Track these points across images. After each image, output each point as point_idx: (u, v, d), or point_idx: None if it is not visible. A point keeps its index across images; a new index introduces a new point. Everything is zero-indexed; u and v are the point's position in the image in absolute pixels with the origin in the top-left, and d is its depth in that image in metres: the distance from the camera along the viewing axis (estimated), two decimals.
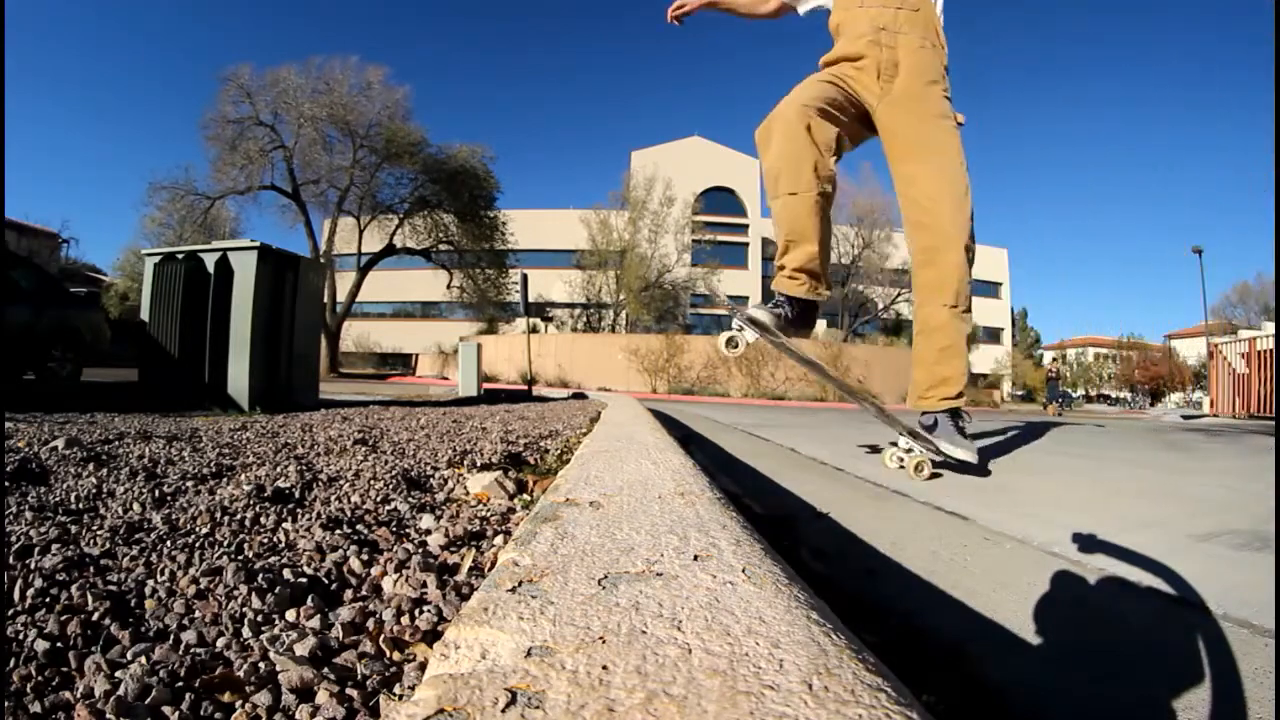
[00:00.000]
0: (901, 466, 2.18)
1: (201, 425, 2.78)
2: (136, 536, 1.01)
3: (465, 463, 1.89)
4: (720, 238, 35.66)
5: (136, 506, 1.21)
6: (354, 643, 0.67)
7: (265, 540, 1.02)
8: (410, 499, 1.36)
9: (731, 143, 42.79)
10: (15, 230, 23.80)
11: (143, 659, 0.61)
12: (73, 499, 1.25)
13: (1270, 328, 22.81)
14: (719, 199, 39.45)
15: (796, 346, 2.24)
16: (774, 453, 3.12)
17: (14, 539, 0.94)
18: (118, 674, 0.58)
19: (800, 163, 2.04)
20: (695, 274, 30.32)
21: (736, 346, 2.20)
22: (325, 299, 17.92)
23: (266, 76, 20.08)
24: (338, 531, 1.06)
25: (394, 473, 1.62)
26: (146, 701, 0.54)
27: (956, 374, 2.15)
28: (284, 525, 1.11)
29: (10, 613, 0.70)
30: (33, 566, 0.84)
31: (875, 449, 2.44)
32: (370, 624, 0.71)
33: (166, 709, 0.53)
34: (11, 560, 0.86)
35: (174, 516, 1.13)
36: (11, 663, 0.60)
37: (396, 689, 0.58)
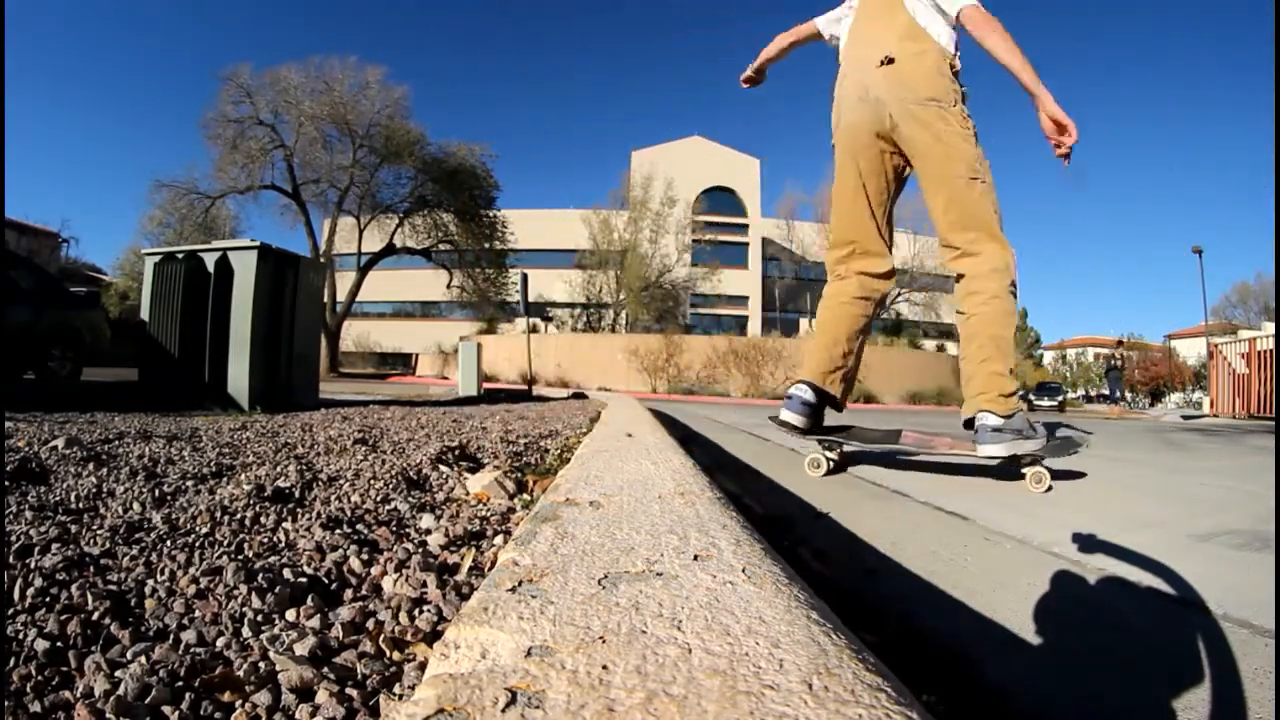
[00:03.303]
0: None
1: (201, 425, 2.78)
2: (136, 536, 1.01)
3: (464, 462, 1.89)
4: (721, 238, 35.67)
5: (136, 506, 1.21)
6: (354, 642, 0.67)
7: (265, 540, 1.02)
8: (410, 499, 1.36)
9: (732, 143, 42.86)
10: (15, 230, 23.79)
11: (143, 658, 0.61)
12: (73, 498, 1.25)
13: (1270, 328, 22.74)
14: (719, 199, 39.43)
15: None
16: (774, 453, 3.12)
17: (14, 538, 0.94)
18: (118, 673, 0.58)
19: None
20: (695, 274, 30.34)
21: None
22: (325, 299, 17.91)
23: (266, 76, 20.11)
24: (338, 531, 1.06)
25: (394, 472, 1.62)
26: (146, 701, 0.54)
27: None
28: (284, 525, 1.11)
29: (10, 612, 0.70)
30: (33, 566, 0.84)
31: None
32: (370, 624, 0.71)
33: (166, 708, 0.53)
34: (11, 560, 0.86)
35: (174, 516, 1.13)
36: (11, 662, 0.60)
37: (396, 689, 0.58)
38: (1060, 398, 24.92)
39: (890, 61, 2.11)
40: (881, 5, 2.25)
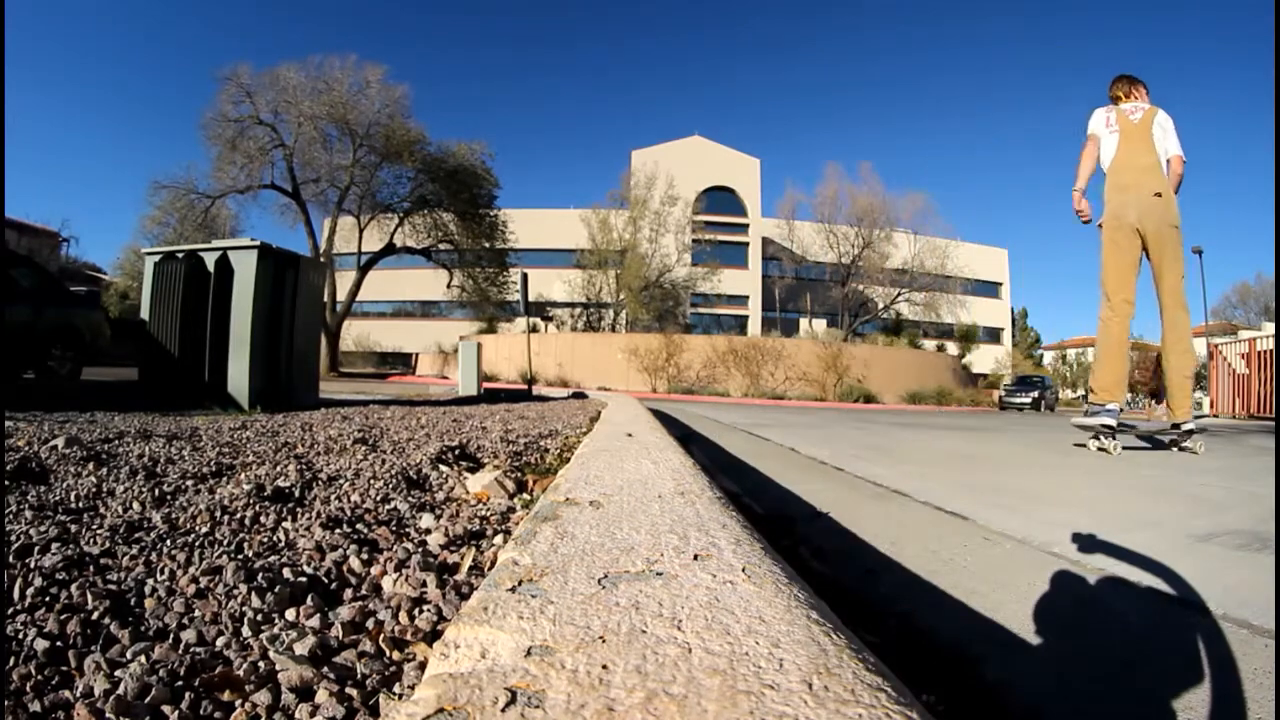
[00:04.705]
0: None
1: (201, 424, 2.78)
2: (136, 535, 1.01)
3: (464, 462, 1.89)
4: (720, 237, 35.67)
5: (136, 505, 1.21)
6: (354, 642, 0.67)
7: (265, 539, 1.02)
8: (410, 498, 1.36)
9: (732, 142, 42.76)
10: (15, 229, 23.78)
11: (142, 658, 0.61)
12: (73, 498, 1.25)
13: (1270, 328, 22.72)
14: (719, 199, 39.42)
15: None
16: (774, 453, 3.12)
17: (14, 538, 0.94)
18: (117, 673, 0.58)
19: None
20: (695, 274, 30.34)
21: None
22: (325, 298, 17.89)
23: (266, 76, 20.09)
24: (337, 531, 1.06)
25: (394, 472, 1.62)
26: (146, 700, 0.54)
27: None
28: (284, 524, 1.11)
29: (10, 612, 0.70)
30: (33, 565, 0.84)
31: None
32: (370, 623, 0.71)
33: (166, 708, 0.53)
34: (11, 559, 0.86)
35: (174, 515, 1.13)
36: (11, 662, 0.60)
37: (396, 688, 0.58)
38: (1035, 394, 20.60)
39: (1159, 195, 3.67)
40: (1140, 139, 3.76)
